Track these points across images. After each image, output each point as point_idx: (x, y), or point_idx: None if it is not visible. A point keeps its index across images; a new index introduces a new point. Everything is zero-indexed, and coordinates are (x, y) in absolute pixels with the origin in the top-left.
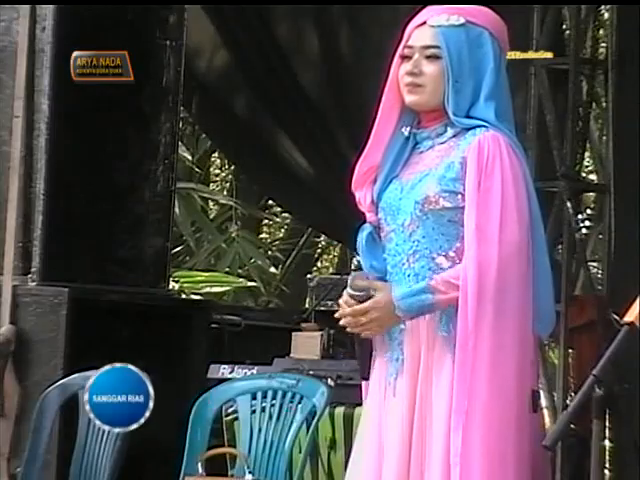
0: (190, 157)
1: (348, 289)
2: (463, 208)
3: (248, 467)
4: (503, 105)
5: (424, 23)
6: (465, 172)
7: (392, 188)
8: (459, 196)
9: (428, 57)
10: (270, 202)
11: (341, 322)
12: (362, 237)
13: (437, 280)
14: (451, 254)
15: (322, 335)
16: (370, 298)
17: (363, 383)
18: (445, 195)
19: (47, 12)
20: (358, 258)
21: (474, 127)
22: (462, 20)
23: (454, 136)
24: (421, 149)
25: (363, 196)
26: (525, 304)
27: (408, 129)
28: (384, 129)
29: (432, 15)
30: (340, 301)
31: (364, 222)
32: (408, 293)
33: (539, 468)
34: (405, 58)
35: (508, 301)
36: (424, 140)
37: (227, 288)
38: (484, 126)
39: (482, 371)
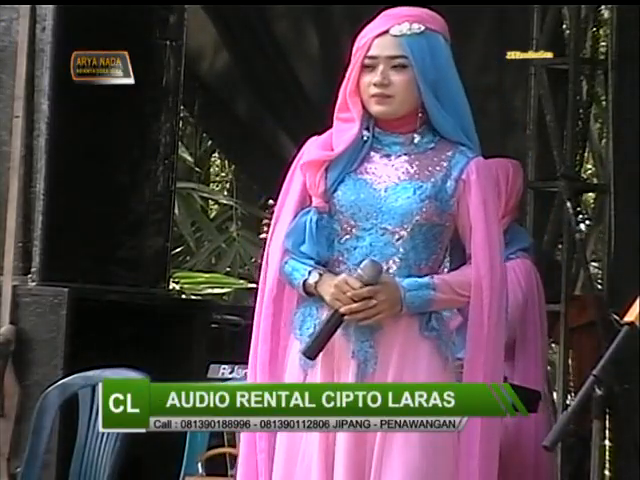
0: (190, 157)
1: (361, 274)
2: (448, 226)
3: None
4: (465, 110)
5: (386, 32)
6: (460, 193)
7: (358, 186)
8: (447, 215)
9: (395, 67)
10: (270, 202)
11: (343, 308)
12: (311, 221)
13: (439, 280)
14: (427, 266)
15: None
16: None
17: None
18: (437, 212)
19: (47, 12)
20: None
21: (456, 142)
22: (422, 27)
23: (433, 147)
24: (387, 152)
25: (315, 182)
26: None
27: (368, 133)
28: (347, 130)
29: (393, 24)
30: (337, 281)
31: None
32: (414, 285)
33: (543, 468)
34: (367, 67)
35: (501, 321)
36: (391, 145)
37: (227, 289)
38: (468, 146)
39: (488, 373)
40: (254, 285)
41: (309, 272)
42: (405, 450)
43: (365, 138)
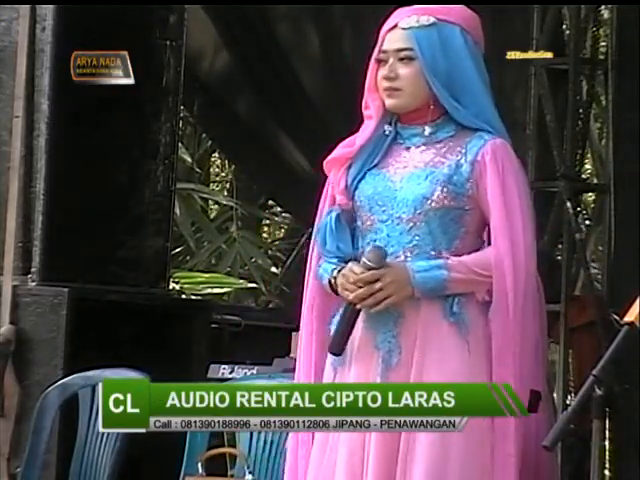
0: (190, 157)
1: (365, 260)
2: (468, 210)
3: (248, 467)
4: (485, 100)
5: (395, 26)
6: (477, 175)
7: (376, 180)
8: (465, 198)
9: (402, 59)
10: (270, 202)
11: (351, 296)
12: (331, 218)
13: (455, 261)
14: (450, 252)
15: None
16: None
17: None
18: (452, 195)
19: (47, 12)
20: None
21: (477, 129)
22: (432, 20)
23: (452, 135)
24: (407, 145)
25: (337, 179)
26: (540, 308)
27: (390, 128)
28: (368, 126)
29: (402, 17)
30: (345, 271)
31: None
32: (424, 266)
33: (544, 468)
34: (381, 62)
35: (529, 304)
36: (411, 137)
37: (228, 289)
38: (488, 131)
39: (525, 366)
40: (254, 285)
41: (332, 270)
42: (429, 450)
43: (387, 133)
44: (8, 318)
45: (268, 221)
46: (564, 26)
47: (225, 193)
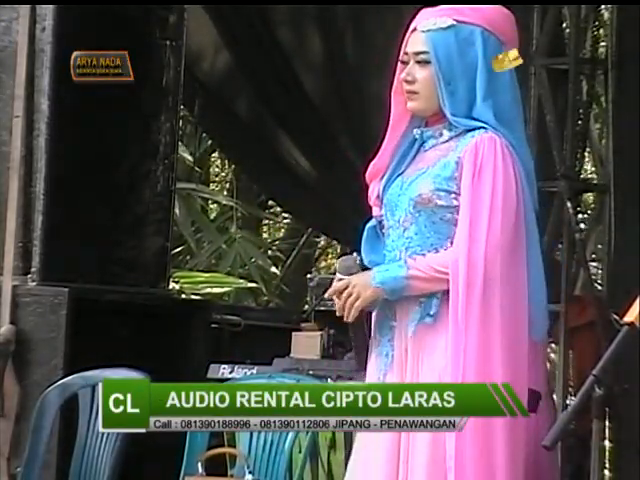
0: (190, 157)
1: (337, 273)
2: (456, 207)
3: (248, 467)
4: (503, 102)
5: (415, 29)
6: (461, 172)
7: (394, 185)
8: (452, 195)
9: (419, 62)
10: (270, 202)
11: (337, 312)
12: (366, 230)
13: (416, 260)
14: (441, 252)
15: (322, 335)
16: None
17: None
18: (439, 194)
19: (47, 12)
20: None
21: (474, 128)
22: (450, 22)
23: (455, 136)
24: (426, 148)
25: (372, 190)
26: (512, 305)
27: (417, 130)
28: (395, 129)
29: (422, 20)
30: (330, 290)
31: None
32: (386, 267)
33: (545, 468)
34: (403, 64)
35: (493, 300)
36: (429, 139)
37: (228, 289)
38: (484, 127)
39: (471, 369)
40: (254, 285)
41: None
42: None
43: (416, 137)
44: (8, 318)
45: (268, 221)
46: (564, 26)
47: (225, 193)
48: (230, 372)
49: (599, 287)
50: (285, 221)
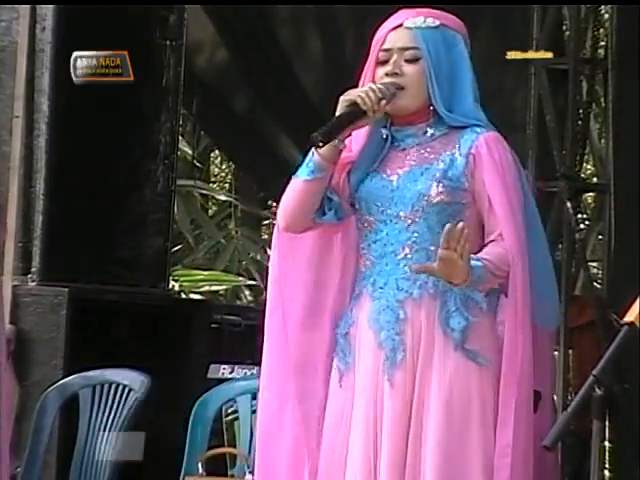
0: (191, 150)
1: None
2: (465, 204)
3: (248, 467)
4: (474, 105)
5: (400, 25)
6: (472, 167)
7: (375, 181)
8: (462, 192)
9: (407, 59)
10: (270, 201)
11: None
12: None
13: (483, 255)
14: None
15: None
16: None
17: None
18: (448, 190)
19: (47, 12)
20: None
21: (470, 126)
22: (437, 22)
23: (446, 133)
24: (402, 146)
25: (340, 185)
26: (529, 303)
27: (386, 131)
28: (362, 131)
29: (407, 17)
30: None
31: None
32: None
33: (547, 468)
34: (381, 62)
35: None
36: (406, 138)
37: (227, 287)
38: (480, 125)
39: (526, 365)
40: (252, 282)
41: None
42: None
43: (385, 136)
44: (8, 318)
45: (267, 220)
46: (564, 26)
47: (224, 191)
48: (230, 372)
49: (599, 287)
50: None
